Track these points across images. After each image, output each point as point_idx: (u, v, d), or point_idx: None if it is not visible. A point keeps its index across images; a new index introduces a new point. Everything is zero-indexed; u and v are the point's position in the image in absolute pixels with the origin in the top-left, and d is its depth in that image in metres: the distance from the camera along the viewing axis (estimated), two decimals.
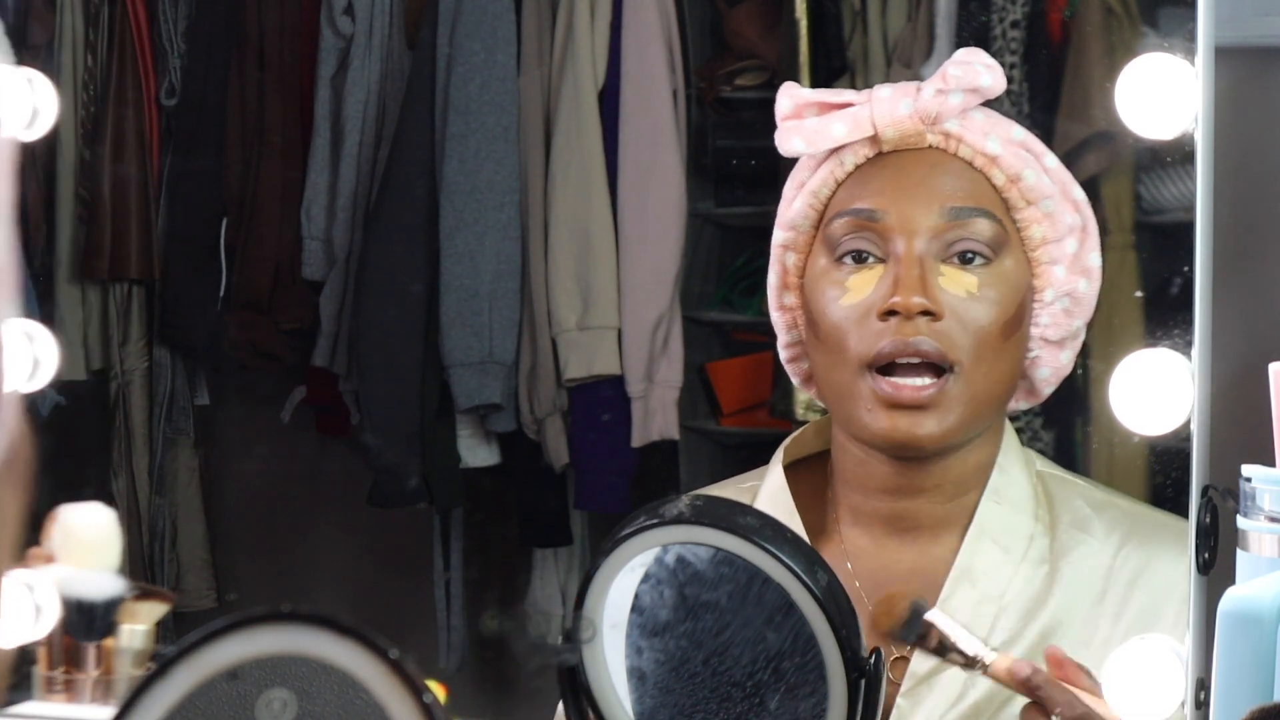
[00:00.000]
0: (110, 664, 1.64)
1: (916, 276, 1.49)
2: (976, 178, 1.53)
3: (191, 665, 0.90)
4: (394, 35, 2.88)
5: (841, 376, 1.51)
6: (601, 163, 2.80)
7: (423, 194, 2.82)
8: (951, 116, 1.53)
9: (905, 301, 1.48)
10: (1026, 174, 1.52)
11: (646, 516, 1.33)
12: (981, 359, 1.50)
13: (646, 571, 1.34)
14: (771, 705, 1.32)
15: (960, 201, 1.52)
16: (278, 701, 0.90)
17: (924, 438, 1.49)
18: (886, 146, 1.54)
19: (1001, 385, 1.52)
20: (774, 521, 1.33)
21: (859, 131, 1.53)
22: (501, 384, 2.81)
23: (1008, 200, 1.53)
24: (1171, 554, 1.55)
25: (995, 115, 1.55)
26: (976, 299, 1.50)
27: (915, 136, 1.53)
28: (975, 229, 1.51)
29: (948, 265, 1.51)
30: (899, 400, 1.48)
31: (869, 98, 1.54)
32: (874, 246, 1.51)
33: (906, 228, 1.50)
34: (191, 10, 2.94)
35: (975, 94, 1.53)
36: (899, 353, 1.48)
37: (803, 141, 1.55)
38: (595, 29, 2.81)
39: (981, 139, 1.53)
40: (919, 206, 1.51)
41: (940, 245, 1.51)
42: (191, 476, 3.01)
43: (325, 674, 0.90)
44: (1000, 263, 1.52)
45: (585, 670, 1.37)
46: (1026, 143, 1.54)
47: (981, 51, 1.54)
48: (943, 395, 1.49)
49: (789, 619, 1.30)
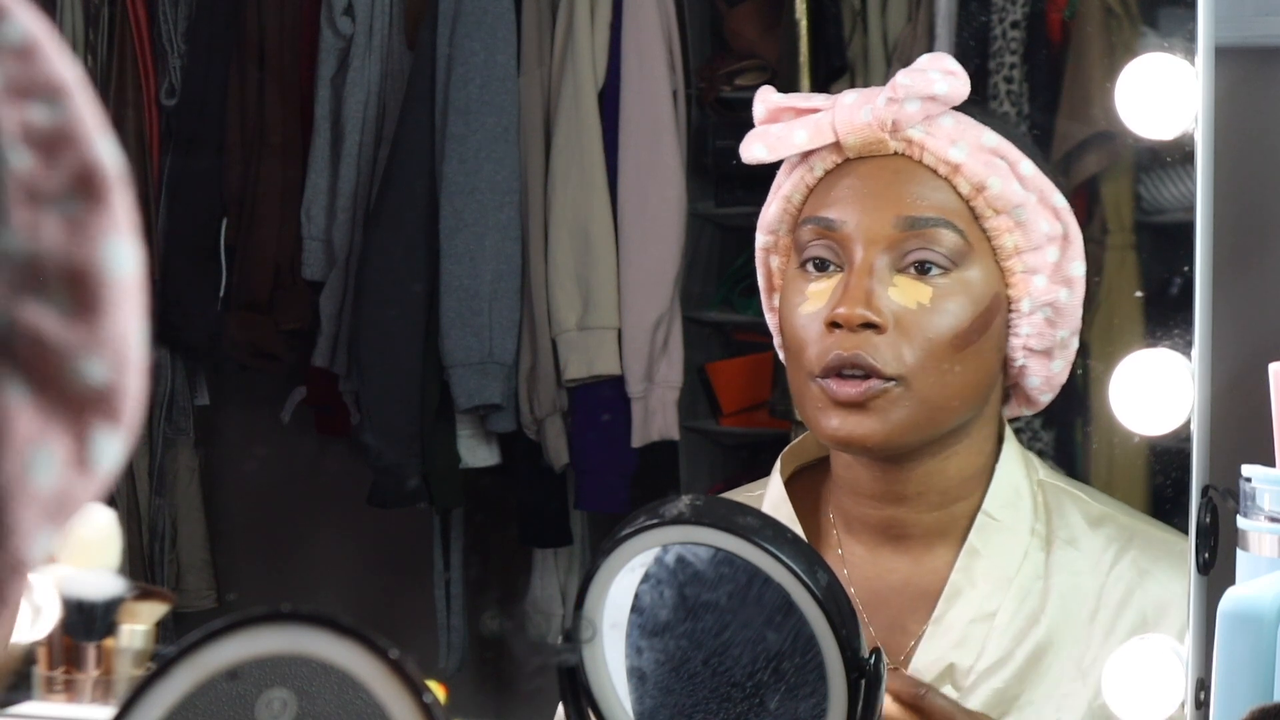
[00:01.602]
0: (110, 664, 1.64)
1: (863, 288, 1.49)
2: (940, 185, 1.51)
3: (191, 665, 0.90)
4: (394, 35, 2.88)
5: (798, 380, 1.52)
6: (601, 163, 2.80)
7: (423, 194, 2.82)
8: (912, 124, 1.51)
9: (848, 313, 1.48)
10: (992, 181, 1.50)
11: (646, 516, 1.33)
12: (929, 369, 1.49)
13: (646, 571, 1.35)
14: (771, 705, 1.32)
15: (919, 211, 1.50)
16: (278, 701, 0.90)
17: (865, 437, 1.49)
18: (851, 153, 1.53)
19: (958, 394, 1.50)
20: (774, 521, 1.33)
21: (820, 138, 1.52)
22: (501, 384, 2.81)
23: (974, 209, 1.51)
24: (1166, 574, 1.54)
25: (966, 120, 1.53)
26: (928, 310, 1.49)
27: (878, 144, 1.52)
28: (933, 238, 1.50)
29: (902, 275, 1.50)
30: (839, 399, 1.48)
31: (834, 103, 1.53)
32: (834, 255, 1.51)
33: (863, 237, 1.50)
34: (191, 10, 2.94)
35: (934, 102, 1.51)
36: (842, 364, 1.48)
37: (764, 149, 1.55)
38: (595, 29, 2.81)
39: (946, 146, 1.51)
40: (876, 216, 1.50)
41: (896, 255, 1.50)
42: (191, 476, 3.01)
43: (325, 674, 0.90)
44: (961, 273, 1.50)
45: (585, 670, 1.37)
46: (999, 149, 1.52)
47: (946, 57, 1.53)
48: (883, 397, 1.48)
49: (789, 619, 1.30)
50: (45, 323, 0.64)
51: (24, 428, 0.63)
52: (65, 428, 0.65)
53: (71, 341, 0.65)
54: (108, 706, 1.62)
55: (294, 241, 2.91)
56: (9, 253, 0.64)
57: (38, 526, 0.65)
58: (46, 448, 0.64)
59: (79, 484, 0.66)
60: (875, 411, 1.48)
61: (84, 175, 0.67)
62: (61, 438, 0.65)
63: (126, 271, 0.67)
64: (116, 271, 0.67)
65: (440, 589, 2.91)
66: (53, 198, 0.66)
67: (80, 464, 0.65)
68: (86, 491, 0.66)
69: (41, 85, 0.67)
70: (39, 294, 0.64)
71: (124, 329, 0.67)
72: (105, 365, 0.66)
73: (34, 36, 0.67)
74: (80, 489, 0.66)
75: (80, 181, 0.67)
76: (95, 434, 0.66)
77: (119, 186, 0.68)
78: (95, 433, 0.66)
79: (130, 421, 0.67)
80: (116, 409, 0.66)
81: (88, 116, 0.68)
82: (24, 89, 0.66)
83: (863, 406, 1.48)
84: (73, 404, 0.65)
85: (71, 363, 0.65)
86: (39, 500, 0.64)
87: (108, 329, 0.66)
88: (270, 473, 3.05)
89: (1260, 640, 1.32)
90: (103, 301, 0.66)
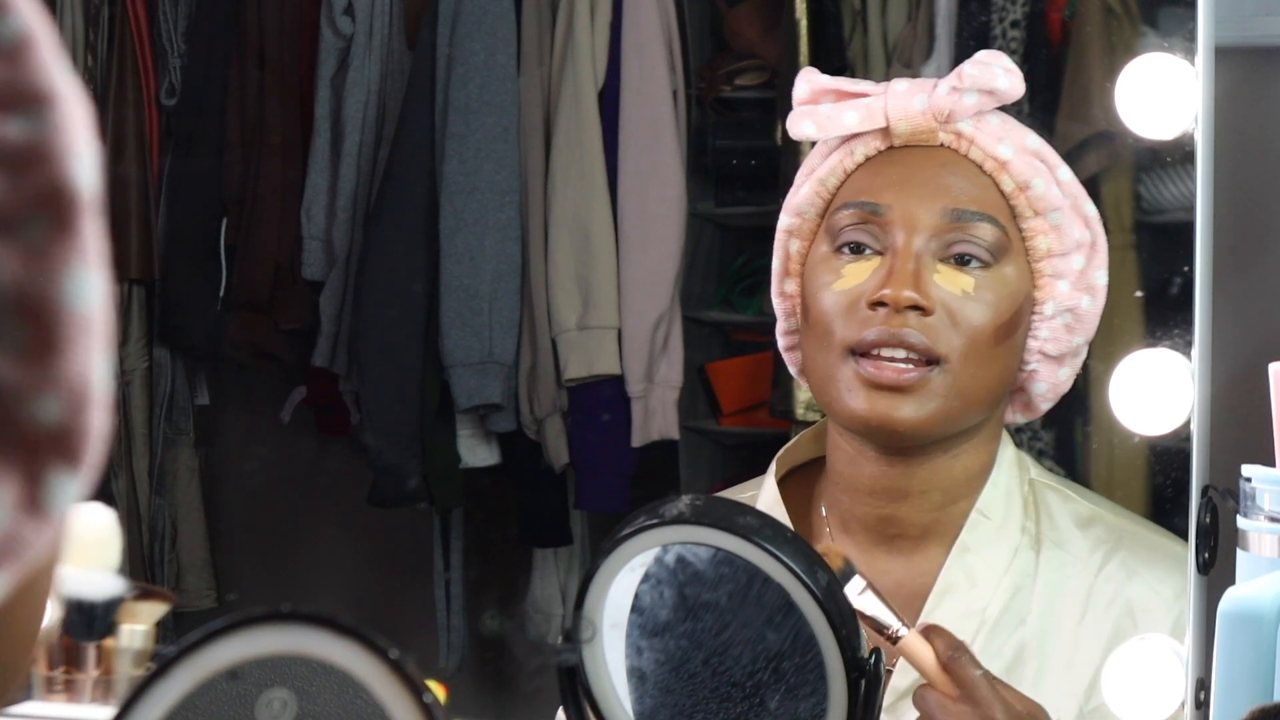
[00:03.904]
0: (110, 664, 1.64)
1: (910, 271, 1.48)
2: (985, 182, 1.52)
3: (191, 665, 0.90)
4: (394, 35, 2.88)
5: (826, 360, 1.51)
6: (601, 163, 2.80)
7: (423, 194, 2.82)
8: (965, 116, 1.52)
9: (896, 294, 1.47)
10: (1036, 183, 1.51)
11: (646, 516, 1.33)
12: (970, 358, 1.49)
13: (646, 571, 1.34)
14: (771, 705, 1.32)
15: (964, 204, 1.51)
16: (278, 701, 0.90)
17: (900, 421, 1.48)
18: (898, 141, 1.53)
19: (989, 388, 1.51)
20: (774, 521, 1.33)
21: (871, 122, 1.53)
22: (501, 384, 2.81)
23: (1015, 207, 1.52)
24: (1154, 575, 1.54)
25: (1012, 121, 1.54)
26: (971, 298, 1.49)
27: (927, 133, 1.52)
28: (976, 232, 1.50)
29: (944, 265, 1.50)
30: (880, 381, 1.48)
31: (885, 89, 1.53)
32: (873, 240, 1.51)
33: (907, 223, 1.50)
34: (191, 10, 2.94)
35: (991, 96, 1.52)
36: (883, 342, 1.47)
37: (814, 126, 1.54)
38: (595, 29, 2.81)
39: (994, 143, 1.52)
40: (922, 204, 1.51)
41: (939, 244, 1.50)
42: (191, 476, 3.01)
43: (325, 674, 0.90)
44: (999, 269, 1.51)
45: (585, 670, 1.37)
46: (1041, 152, 1.53)
47: (1003, 55, 1.53)
48: (925, 382, 1.48)
49: (789, 619, 1.30)
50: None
51: None
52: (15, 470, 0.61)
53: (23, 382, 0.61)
54: (108, 706, 1.62)
55: (294, 241, 2.91)
56: None
57: None
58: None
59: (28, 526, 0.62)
60: (913, 396, 1.47)
61: (50, 198, 0.62)
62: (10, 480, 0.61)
63: (89, 305, 0.63)
64: (77, 306, 0.62)
65: (440, 589, 2.91)
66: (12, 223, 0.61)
67: (32, 506, 0.62)
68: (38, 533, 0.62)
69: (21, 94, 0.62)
70: None
71: (83, 366, 0.62)
72: (60, 405, 0.62)
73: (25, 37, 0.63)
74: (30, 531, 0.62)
75: (45, 205, 0.62)
76: (49, 475, 0.62)
77: (89, 211, 0.64)
78: (49, 474, 0.62)
79: (89, 460, 0.63)
80: (73, 449, 0.63)
81: (67, 132, 0.64)
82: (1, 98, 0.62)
83: (901, 390, 1.47)
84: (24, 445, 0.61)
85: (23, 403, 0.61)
86: None
87: (63, 368, 0.62)
88: (270, 473, 3.05)
89: (1260, 640, 1.32)
90: (59, 340, 0.62)
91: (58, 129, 0.63)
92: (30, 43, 0.63)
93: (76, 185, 0.63)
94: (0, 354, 0.61)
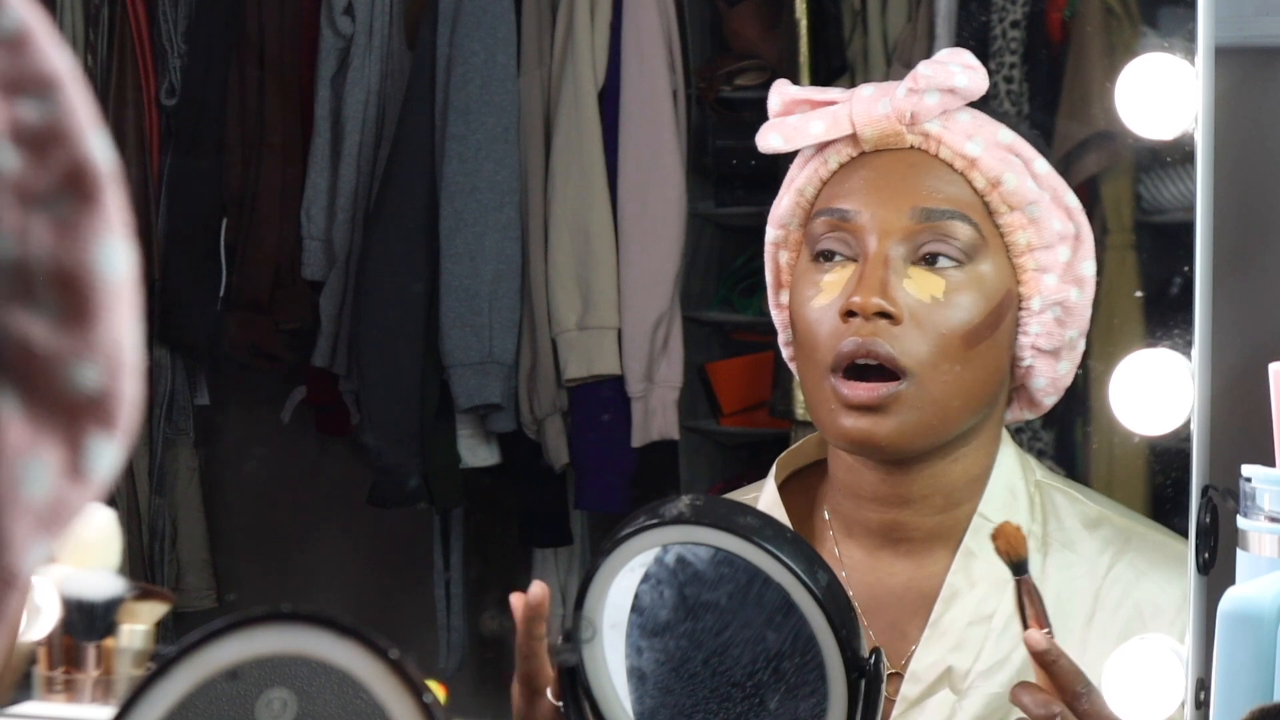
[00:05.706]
0: (110, 664, 1.64)
1: (878, 277, 1.48)
2: (956, 180, 1.52)
3: (191, 665, 0.90)
4: (394, 35, 2.88)
5: (813, 379, 1.51)
6: (601, 163, 2.80)
7: (423, 194, 2.82)
8: (930, 117, 1.52)
9: (864, 301, 1.48)
10: (1008, 178, 1.50)
11: (646, 516, 1.33)
12: (940, 367, 1.48)
13: (646, 571, 1.34)
14: (771, 705, 1.32)
15: (935, 203, 1.50)
16: (278, 701, 0.90)
17: (880, 438, 1.49)
18: (867, 146, 1.53)
19: (969, 392, 1.50)
20: (774, 521, 1.33)
21: (837, 130, 1.53)
22: (501, 384, 2.81)
23: (989, 204, 1.51)
24: (1162, 576, 1.54)
25: (983, 117, 1.54)
26: (941, 304, 1.49)
27: (894, 136, 1.52)
28: (948, 230, 1.50)
29: (916, 267, 1.50)
30: (854, 402, 1.48)
31: (851, 96, 1.53)
32: (845, 246, 1.51)
33: (878, 228, 1.50)
34: (191, 10, 2.93)
35: (953, 94, 1.51)
36: (856, 353, 1.48)
37: (780, 139, 1.55)
38: (595, 29, 2.81)
39: (963, 140, 1.51)
40: (891, 207, 1.51)
41: (910, 247, 1.50)
42: (191, 476, 3.00)
43: (325, 674, 0.90)
44: (974, 266, 1.50)
45: (585, 670, 1.37)
46: (1014, 146, 1.52)
47: (965, 53, 1.53)
48: (896, 398, 1.48)
49: (789, 619, 1.30)
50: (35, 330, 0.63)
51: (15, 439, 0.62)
52: (58, 436, 0.63)
53: (62, 348, 0.63)
54: (108, 706, 1.62)
55: (294, 241, 2.91)
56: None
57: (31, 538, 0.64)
58: (39, 458, 0.63)
59: (73, 492, 0.64)
60: (888, 413, 1.48)
61: (75, 174, 0.65)
62: (54, 447, 0.63)
63: (119, 273, 0.65)
64: (109, 274, 0.65)
65: (440, 589, 2.90)
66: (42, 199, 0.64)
67: (74, 472, 0.64)
68: (82, 499, 0.65)
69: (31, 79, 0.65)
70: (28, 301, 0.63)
71: (117, 333, 0.65)
72: (98, 371, 0.64)
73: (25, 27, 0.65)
74: (75, 497, 0.64)
75: (71, 180, 0.65)
76: (89, 441, 0.64)
77: (111, 184, 0.66)
78: (89, 440, 0.64)
79: (126, 426, 0.65)
80: (111, 415, 0.65)
81: (79, 111, 0.67)
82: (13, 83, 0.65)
83: (876, 408, 1.47)
84: (65, 412, 0.63)
85: (63, 370, 0.63)
86: (32, 511, 0.63)
87: (100, 334, 0.64)
88: (270, 473, 3.05)
89: (1260, 640, 1.32)
90: (95, 305, 0.64)
91: (70, 109, 0.66)
92: (30, 31, 0.66)
93: (96, 160, 0.66)
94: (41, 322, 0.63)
